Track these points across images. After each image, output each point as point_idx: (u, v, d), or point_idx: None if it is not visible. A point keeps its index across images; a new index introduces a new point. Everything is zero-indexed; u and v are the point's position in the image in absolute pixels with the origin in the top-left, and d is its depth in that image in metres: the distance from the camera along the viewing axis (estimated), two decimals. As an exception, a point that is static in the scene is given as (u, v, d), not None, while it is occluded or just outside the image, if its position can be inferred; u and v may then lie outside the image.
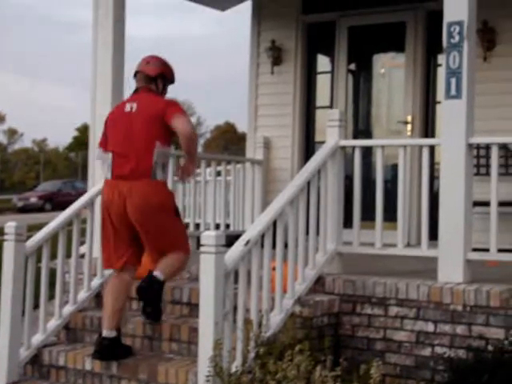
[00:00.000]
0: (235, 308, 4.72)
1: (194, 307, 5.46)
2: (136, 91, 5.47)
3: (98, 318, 5.68)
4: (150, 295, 5.23)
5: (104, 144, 5.43)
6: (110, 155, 5.32)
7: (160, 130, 5.24)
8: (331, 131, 5.83)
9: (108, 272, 6.00)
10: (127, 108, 5.36)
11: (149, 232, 5.21)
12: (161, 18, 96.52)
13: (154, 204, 5.17)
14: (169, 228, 5.23)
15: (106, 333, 5.19)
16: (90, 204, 5.99)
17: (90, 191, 6.16)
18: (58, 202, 32.88)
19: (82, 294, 5.92)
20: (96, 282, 6.03)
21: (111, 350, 5.20)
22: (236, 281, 4.74)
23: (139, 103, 5.34)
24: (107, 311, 5.23)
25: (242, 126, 54.03)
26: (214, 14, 9.63)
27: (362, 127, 8.87)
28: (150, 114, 5.26)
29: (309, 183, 5.53)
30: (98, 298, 6.02)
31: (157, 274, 5.17)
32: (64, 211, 5.89)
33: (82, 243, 6.04)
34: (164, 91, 5.51)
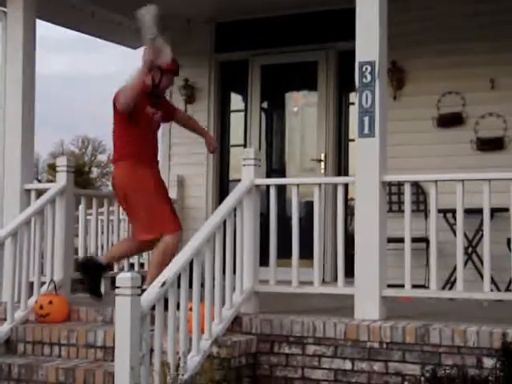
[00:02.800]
0: (152, 350, 4.61)
1: (108, 350, 5.31)
2: None
3: (7, 364, 5.45)
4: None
5: None
6: None
7: (118, 116, 5.91)
8: (246, 170, 5.81)
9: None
10: None
11: (129, 208, 5.99)
12: (71, 54, 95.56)
13: (125, 183, 5.90)
14: (143, 206, 5.85)
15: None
16: (1, 245, 5.79)
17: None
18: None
19: (-9, 340, 5.69)
20: (5, 327, 5.80)
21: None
22: (152, 323, 4.64)
23: None
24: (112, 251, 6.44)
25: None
26: (125, 50, 9.55)
27: (275, 165, 8.92)
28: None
29: (225, 222, 5.49)
30: (7, 344, 5.79)
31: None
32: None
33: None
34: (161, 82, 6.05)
